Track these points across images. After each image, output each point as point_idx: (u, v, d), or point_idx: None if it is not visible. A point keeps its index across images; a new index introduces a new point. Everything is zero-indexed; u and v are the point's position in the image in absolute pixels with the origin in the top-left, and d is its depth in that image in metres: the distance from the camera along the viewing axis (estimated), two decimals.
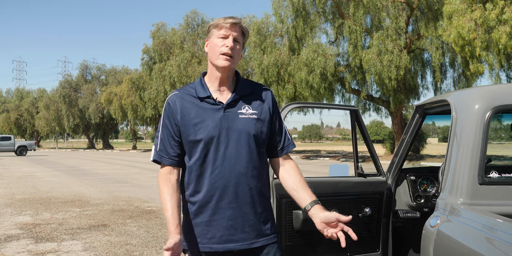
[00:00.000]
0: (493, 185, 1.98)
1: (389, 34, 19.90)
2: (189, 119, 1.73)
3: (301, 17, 21.86)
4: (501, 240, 1.55)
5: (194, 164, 1.73)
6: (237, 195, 1.71)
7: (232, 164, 1.71)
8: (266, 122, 1.79)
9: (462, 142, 2.03)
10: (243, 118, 1.74)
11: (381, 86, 20.24)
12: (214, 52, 1.74)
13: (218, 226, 1.72)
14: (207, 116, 1.72)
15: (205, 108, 1.74)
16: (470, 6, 14.60)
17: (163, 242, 5.43)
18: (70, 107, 52.27)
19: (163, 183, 1.75)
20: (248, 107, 1.77)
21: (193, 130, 1.72)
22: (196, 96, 1.76)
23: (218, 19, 1.77)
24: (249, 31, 1.88)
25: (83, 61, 72.81)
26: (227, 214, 1.71)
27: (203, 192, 1.72)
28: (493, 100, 2.02)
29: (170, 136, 1.76)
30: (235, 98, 1.76)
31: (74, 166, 21.24)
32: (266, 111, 1.80)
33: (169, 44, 35.54)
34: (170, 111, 1.76)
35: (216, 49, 1.73)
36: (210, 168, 1.71)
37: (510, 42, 13.53)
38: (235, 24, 1.74)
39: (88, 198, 9.37)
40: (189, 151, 1.75)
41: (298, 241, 2.66)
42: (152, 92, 35.89)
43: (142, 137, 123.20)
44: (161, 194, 1.74)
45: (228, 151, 1.71)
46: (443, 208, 2.02)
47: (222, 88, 1.79)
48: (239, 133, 1.72)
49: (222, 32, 1.73)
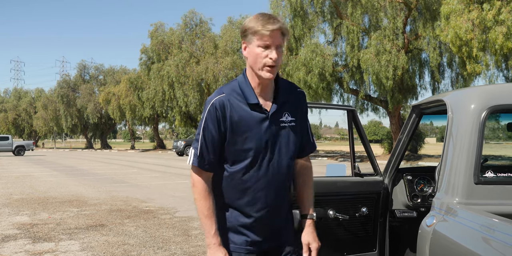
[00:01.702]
0: (489, 184, 1.99)
1: (387, 34, 19.94)
2: (238, 127, 1.67)
3: (299, 17, 21.88)
4: (497, 239, 1.56)
5: (237, 172, 1.71)
6: (276, 202, 1.77)
7: (275, 174, 1.74)
8: (301, 127, 1.83)
9: (458, 141, 2.03)
10: (284, 126, 1.75)
11: (379, 86, 20.27)
12: (257, 62, 1.65)
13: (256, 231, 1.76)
14: (256, 125, 1.69)
15: (253, 116, 1.69)
16: (468, 6, 14.64)
17: (160, 242, 5.43)
18: (68, 107, 52.23)
19: (204, 190, 1.70)
20: (287, 114, 1.76)
21: (241, 138, 1.68)
22: (245, 102, 1.69)
23: (255, 22, 1.63)
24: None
25: (81, 61, 72.70)
26: (266, 220, 1.76)
27: (245, 200, 1.73)
28: (489, 100, 2.03)
29: (213, 142, 1.68)
30: (278, 106, 1.73)
31: (72, 166, 21.22)
32: (301, 116, 1.82)
33: (167, 44, 35.52)
34: (217, 116, 1.67)
35: (259, 60, 1.64)
36: (255, 177, 1.72)
37: (506, 42, 13.57)
38: (276, 30, 1.62)
39: (86, 198, 9.36)
40: (233, 159, 1.71)
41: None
42: (150, 92, 35.88)
43: (140, 137, 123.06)
44: (201, 201, 1.70)
45: (272, 160, 1.73)
46: (439, 207, 2.03)
47: (264, 93, 1.74)
48: (282, 143, 1.74)
49: (263, 42, 1.62)
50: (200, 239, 5.58)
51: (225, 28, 35.09)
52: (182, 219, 6.96)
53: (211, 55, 32.90)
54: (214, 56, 32.75)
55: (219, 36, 35.24)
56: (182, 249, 5.08)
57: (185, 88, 32.67)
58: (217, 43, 33.81)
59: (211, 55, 32.90)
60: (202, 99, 33.12)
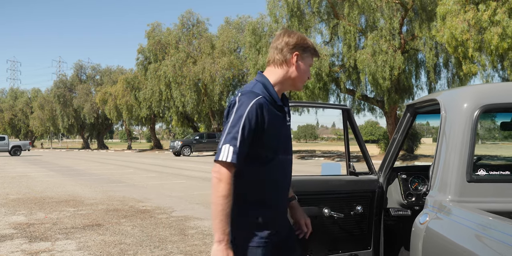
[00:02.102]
0: (481, 182, 2.01)
1: (383, 34, 19.98)
2: (271, 127, 1.81)
3: (296, 17, 21.89)
4: (489, 236, 1.58)
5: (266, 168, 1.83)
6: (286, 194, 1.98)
7: (289, 167, 1.94)
8: None
9: (450, 140, 2.05)
10: (289, 126, 1.97)
11: (376, 86, 20.31)
12: (302, 77, 1.92)
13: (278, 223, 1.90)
14: (281, 124, 1.88)
15: (280, 117, 1.87)
16: (464, 7, 14.70)
17: (157, 241, 5.44)
18: (64, 107, 52.05)
19: (231, 188, 1.73)
20: (287, 115, 1.96)
21: (273, 138, 1.83)
22: (274, 103, 1.84)
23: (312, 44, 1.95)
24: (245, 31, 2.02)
25: (78, 61, 72.54)
26: (283, 211, 1.96)
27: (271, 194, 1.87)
28: (481, 99, 2.05)
29: (249, 140, 1.77)
30: (287, 108, 1.95)
31: (69, 166, 21.18)
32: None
33: (164, 44, 35.50)
34: (259, 117, 1.77)
35: (304, 76, 1.92)
36: (279, 172, 1.87)
37: (501, 43, 13.63)
38: None
39: (83, 198, 9.36)
40: (261, 156, 1.82)
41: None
42: (147, 92, 35.82)
43: (137, 137, 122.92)
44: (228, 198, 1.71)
45: (289, 156, 1.93)
46: (432, 205, 2.05)
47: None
48: (290, 142, 1.97)
49: (312, 63, 1.96)
50: (197, 238, 5.60)
51: (222, 28, 35.09)
52: (178, 218, 6.97)
53: (208, 55, 32.89)
54: (211, 56, 32.74)
55: (216, 36, 35.23)
56: (179, 248, 5.09)
57: (182, 88, 32.64)
58: (214, 43, 33.80)
59: (208, 55, 32.89)
60: (199, 99, 33.11)
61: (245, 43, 24.36)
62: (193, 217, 7.05)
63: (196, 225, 6.41)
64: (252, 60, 23.57)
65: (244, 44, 24.45)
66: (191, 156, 30.66)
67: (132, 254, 4.86)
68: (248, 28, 24.59)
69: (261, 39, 23.93)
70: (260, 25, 24.88)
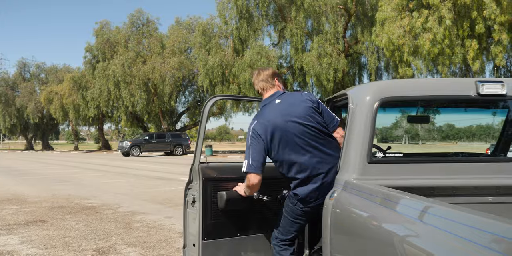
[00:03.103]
0: (379, 163, 2.41)
1: (328, 38, 20.84)
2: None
3: (245, 19, 22.36)
4: (387, 207, 1.91)
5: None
6: None
7: None
8: None
9: (355, 127, 2.43)
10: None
11: (320, 88, 21.15)
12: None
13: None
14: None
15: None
16: (400, 14, 15.70)
17: (102, 234, 5.62)
18: (6, 106, 49.66)
19: None
20: None
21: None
22: None
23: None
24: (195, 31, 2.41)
25: (21, 58, 69.26)
26: None
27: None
28: (381, 93, 2.44)
29: None
30: None
31: (11, 166, 20.46)
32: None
33: (113, 42, 34.88)
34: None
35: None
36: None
37: (433, 48, 14.70)
38: None
39: (26, 197, 9.27)
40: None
41: (222, 219, 3.03)
42: (95, 91, 35.05)
43: (84, 138, 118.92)
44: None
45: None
46: (340, 183, 2.42)
47: None
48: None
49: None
50: (142, 230, 5.82)
51: (172, 28, 34.98)
52: (124, 213, 7.13)
53: (158, 55, 32.70)
54: (161, 56, 32.58)
55: (167, 36, 35.07)
56: (123, 240, 5.30)
57: (131, 87, 32.24)
58: (164, 43, 33.64)
59: (158, 55, 32.70)
60: (149, 99, 32.83)
61: (195, 43, 24.54)
62: (139, 212, 7.23)
63: (142, 219, 6.61)
64: (202, 60, 23.78)
65: (194, 44, 24.59)
66: (141, 156, 30.33)
67: (76, 246, 5.02)
68: (198, 28, 24.79)
69: (210, 40, 24.19)
70: (210, 26, 25.13)
